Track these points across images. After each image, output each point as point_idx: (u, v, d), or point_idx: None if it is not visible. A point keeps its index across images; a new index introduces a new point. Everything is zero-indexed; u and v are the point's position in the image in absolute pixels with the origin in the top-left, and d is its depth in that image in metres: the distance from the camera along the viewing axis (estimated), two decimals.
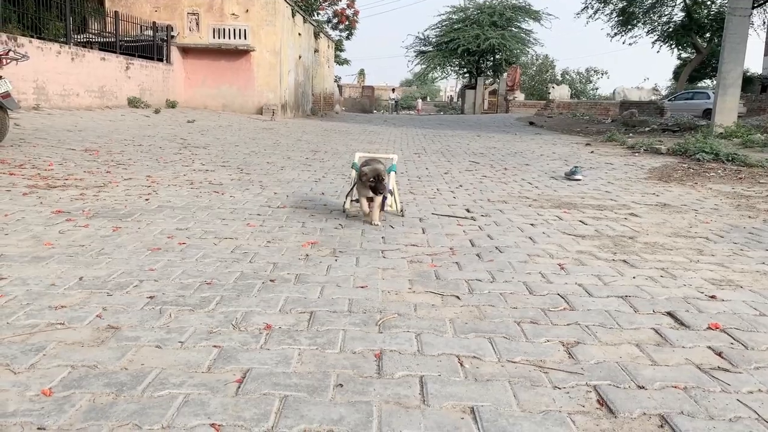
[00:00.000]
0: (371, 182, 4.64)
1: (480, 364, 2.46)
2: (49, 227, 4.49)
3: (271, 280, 3.47)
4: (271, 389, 2.19)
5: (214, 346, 2.54)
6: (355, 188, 5.11)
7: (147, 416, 1.97)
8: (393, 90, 53.13)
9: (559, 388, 2.28)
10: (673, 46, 40.13)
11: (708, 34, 37.26)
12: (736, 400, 2.22)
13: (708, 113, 22.59)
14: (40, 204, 5.30)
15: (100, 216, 4.95)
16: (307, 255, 4.05)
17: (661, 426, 2.03)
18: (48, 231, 4.38)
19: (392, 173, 5.11)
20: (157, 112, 18.12)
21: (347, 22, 37.33)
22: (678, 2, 36.65)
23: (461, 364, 2.45)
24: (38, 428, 1.88)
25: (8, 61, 8.56)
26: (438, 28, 49.19)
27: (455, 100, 62.45)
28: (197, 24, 22.25)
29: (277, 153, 10.89)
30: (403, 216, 5.26)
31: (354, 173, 5.08)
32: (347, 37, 39.02)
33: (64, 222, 4.68)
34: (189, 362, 2.39)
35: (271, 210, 5.55)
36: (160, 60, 21.49)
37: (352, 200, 5.19)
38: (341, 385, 2.24)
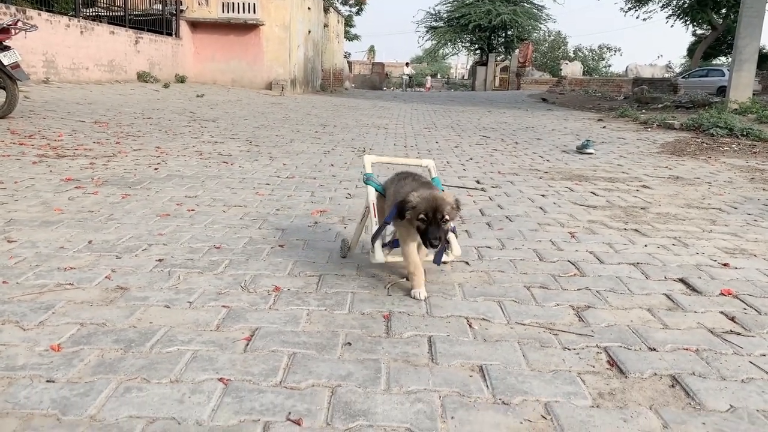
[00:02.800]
0: (422, 221, 2.55)
1: (489, 326, 2.44)
2: (58, 194, 4.50)
3: (279, 245, 3.46)
4: (280, 347, 2.18)
5: (223, 306, 2.54)
6: (383, 224, 2.86)
7: (155, 371, 1.97)
8: (407, 65, 52.40)
9: (569, 350, 2.26)
10: (687, 23, 39.45)
11: (724, 10, 36.57)
12: (748, 362, 2.19)
13: (722, 91, 22.28)
14: (49, 172, 5.31)
15: (110, 184, 4.95)
16: (316, 222, 4.03)
17: (672, 386, 2.01)
18: (57, 197, 4.38)
19: None
20: (166, 86, 18.07)
21: None
22: None
23: (470, 326, 2.43)
24: (47, 380, 1.88)
25: (17, 31, 8.52)
26: (449, 3, 48.61)
27: (466, 77, 61.86)
28: None
29: (287, 126, 10.85)
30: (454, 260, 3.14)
31: (371, 195, 3.06)
32: (357, 13, 38.67)
33: (74, 189, 4.68)
34: (197, 321, 2.38)
35: (280, 180, 5.53)
36: (170, 34, 21.39)
37: (385, 245, 2.94)
38: (350, 344, 2.23)
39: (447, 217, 2.54)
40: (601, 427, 1.75)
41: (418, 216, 2.53)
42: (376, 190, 3.09)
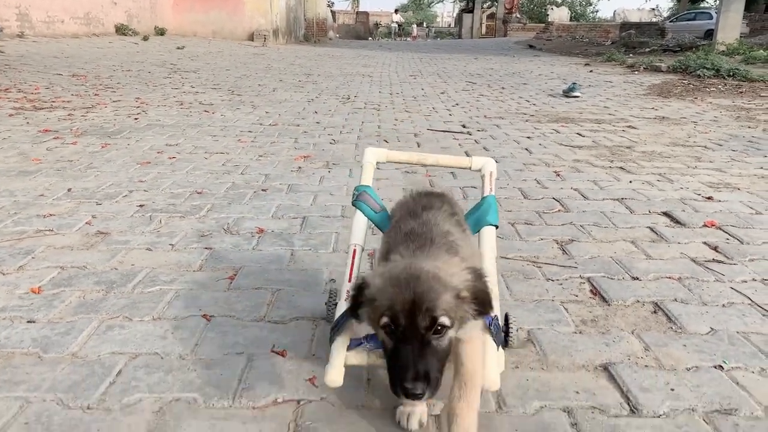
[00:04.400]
0: (386, 331, 1.20)
1: None
2: (36, 145, 4.41)
3: (263, 190, 3.42)
4: (264, 284, 2.17)
5: (206, 248, 2.52)
6: (344, 313, 1.43)
7: (137, 309, 1.96)
8: (396, 11, 51.25)
9: (552, 281, 2.27)
10: None
11: None
12: (729, 288, 2.21)
13: (710, 34, 22.00)
14: (26, 124, 5.19)
15: (89, 134, 4.85)
16: (300, 167, 3.99)
17: (654, 312, 2.02)
18: (35, 148, 4.30)
19: (491, 230, 1.69)
20: (145, 39, 17.62)
21: None
22: None
23: None
24: (28, 321, 1.87)
25: None
26: None
27: (453, 25, 60.78)
28: None
29: (269, 76, 10.65)
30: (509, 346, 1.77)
31: (357, 228, 1.75)
32: None
33: (52, 140, 4.59)
34: (180, 262, 2.36)
35: (262, 127, 5.45)
36: None
37: (360, 343, 1.41)
38: (334, 280, 2.21)
39: (442, 320, 1.17)
40: (583, 351, 1.76)
41: (378, 320, 1.21)
42: (371, 221, 1.74)
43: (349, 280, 1.57)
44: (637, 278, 2.28)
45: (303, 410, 1.47)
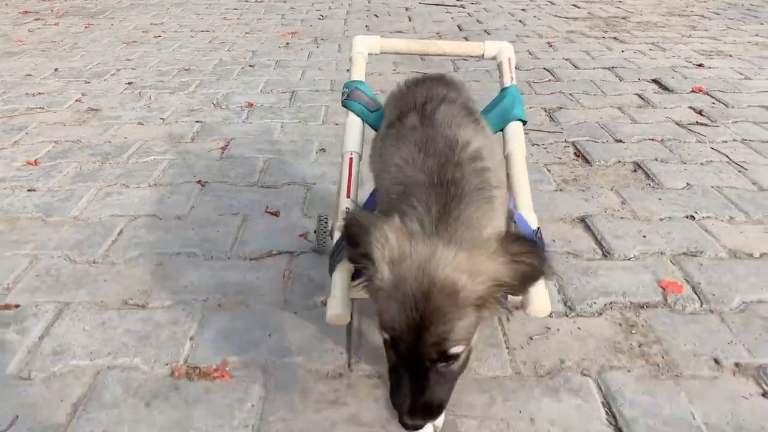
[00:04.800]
0: (388, 344, 0.90)
1: None
2: (17, 26, 4.30)
3: (250, 66, 3.39)
4: (255, 154, 2.22)
5: (196, 122, 2.55)
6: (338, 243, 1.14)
7: (133, 177, 2.02)
8: None
9: (538, 145, 2.32)
10: None
11: None
12: (709, 148, 2.27)
13: None
14: (5, 6, 5.04)
15: (71, 15, 4.72)
16: (288, 43, 3.92)
17: (635, 171, 2.09)
18: (17, 30, 4.20)
19: (518, 126, 1.43)
20: None
21: None
22: None
23: None
24: (28, 190, 1.93)
25: None
26: None
27: None
28: None
29: None
30: None
31: (351, 133, 1.41)
32: None
33: (33, 21, 4.47)
34: (172, 134, 2.40)
35: (248, 4, 5.29)
36: None
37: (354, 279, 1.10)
38: (324, 150, 2.28)
39: (454, 351, 0.88)
40: (562, 206, 1.84)
41: (382, 324, 0.90)
42: (366, 122, 1.45)
43: (348, 195, 1.28)
44: (621, 141, 2.34)
45: (296, 260, 1.56)
